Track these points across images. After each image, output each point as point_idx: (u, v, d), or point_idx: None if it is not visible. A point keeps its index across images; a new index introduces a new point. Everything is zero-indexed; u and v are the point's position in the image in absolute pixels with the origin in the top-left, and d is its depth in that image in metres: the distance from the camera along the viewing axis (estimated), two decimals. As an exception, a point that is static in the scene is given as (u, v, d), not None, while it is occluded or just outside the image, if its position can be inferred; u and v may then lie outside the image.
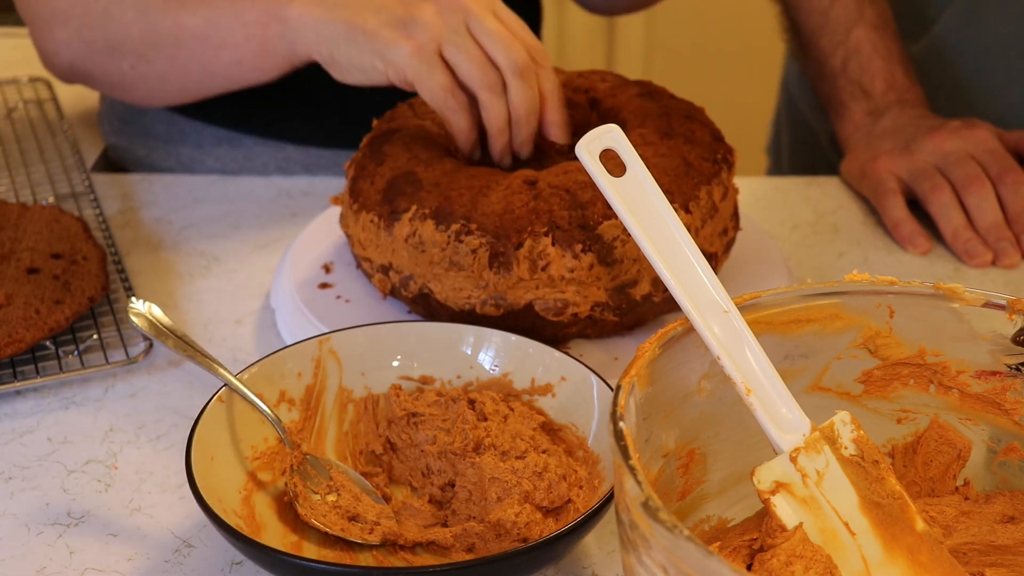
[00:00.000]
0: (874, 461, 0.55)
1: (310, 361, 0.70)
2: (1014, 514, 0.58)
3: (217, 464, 0.62)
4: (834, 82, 1.09)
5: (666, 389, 0.55)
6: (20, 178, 1.02)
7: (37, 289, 0.81)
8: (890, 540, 0.53)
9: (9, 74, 1.22)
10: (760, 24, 1.39)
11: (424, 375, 0.71)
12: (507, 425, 0.66)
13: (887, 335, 0.59)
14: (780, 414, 0.54)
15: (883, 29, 1.08)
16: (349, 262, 0.87)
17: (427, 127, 0.85)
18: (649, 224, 0.56)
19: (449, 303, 0.76)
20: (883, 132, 1.04)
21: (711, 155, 0.79)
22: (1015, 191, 0.96)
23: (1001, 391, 0.58)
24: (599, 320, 0.75)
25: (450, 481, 0.66)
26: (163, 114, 1.11)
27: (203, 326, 0.85)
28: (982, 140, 0.99)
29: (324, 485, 0.65)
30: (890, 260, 0.96)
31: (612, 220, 0.73)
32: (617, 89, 0.88)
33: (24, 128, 1.12)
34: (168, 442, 0.73)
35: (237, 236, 0.97)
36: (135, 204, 1.03)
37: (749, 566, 0.53)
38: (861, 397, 0.60)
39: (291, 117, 1.09)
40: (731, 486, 0.59)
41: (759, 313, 0.57)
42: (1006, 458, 0.59)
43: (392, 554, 0.62)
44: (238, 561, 0.64)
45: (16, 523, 0.67)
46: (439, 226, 0.74)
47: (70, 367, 0.78)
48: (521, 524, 0.61)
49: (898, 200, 0.99)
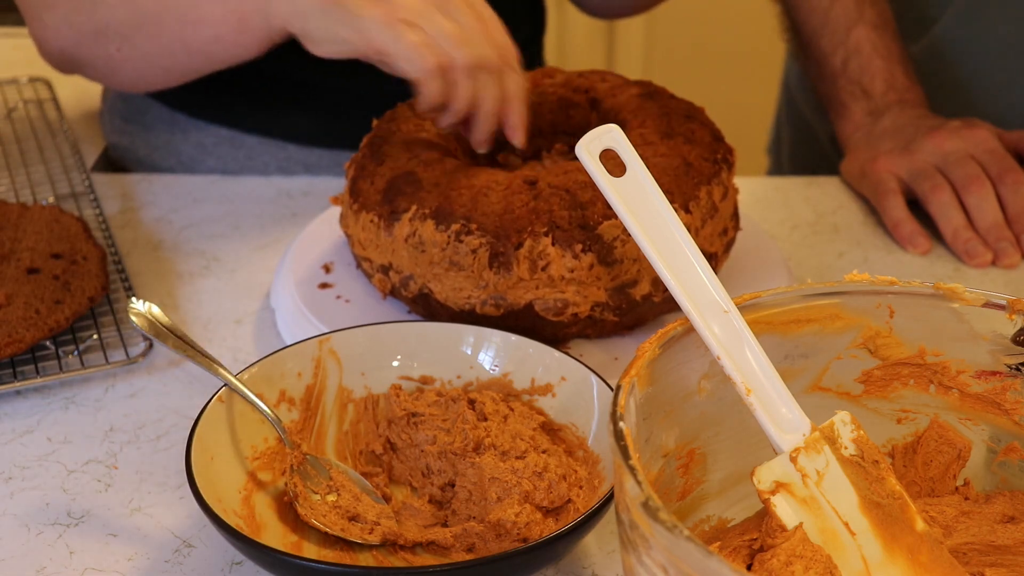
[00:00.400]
0: (874, 461, 0.55)
1: (310, 361, 0.70)
2: (1014, 514, 0.58)
3: (217, 464, 0.62)
4: (834, 82, 1.09)
5: (666, 389, 0.55)
6: (20, 178, 1.02)
7: (37, 289, 0.81)
8: (890, 540, 0.53)
9: (9, 74, 1.22)
10: (760, 24, 1.39)
11: (424, 375, 0.71)
12: (507, 425, 0.66)
13: (887, 335, 0.59)
14: (780, 414, 0.54)
15: (883, 29, 1.08)
16: (349, 262, 0.87)
17: (427, 127, 0.85)
18: (649, 224, 0.56)
19: (449, 303, 0.76)
20: (883, 132, 1.04)
21: (711, 155, 0.79)
22: (1015, 191, 0.96)
23: (1001, 391, 0.58)
24: (599, 320, 0.75)
25: (450, 481, 0.66)
26: (164, 113, 1.11)
27: (203, 326, 0.85)
28: (982, 140, 0.99)
29: (324, 485, 0.65)
30: (890, 260, 0.96)
31: (612, 220, 0.73)
32: (617, 89, 0.88)
33: (24, 128, 1.12)
34: (168, 442, 0.73)
35: (237, 236, 0.97)
36: (135, 204, 1.03)
37: (749, 566, 0.53)
38: (861, 397, 0.60)
39: (292, 117, 1.09)
40: (731, 486, 0.59)
41: (759, 313, 0.57)
42: (1006, 458, 0.59)
43: (392, 554, 0.62)
44: (238, 561, 0.64)
45: (16, 523, 0.67)
46: (439, 226, 0.74)
47: (70, 367, 0.78)
48: (521, 524, 0.61)
49: (898, 200, 0.99)
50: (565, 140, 0.89)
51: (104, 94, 1.18)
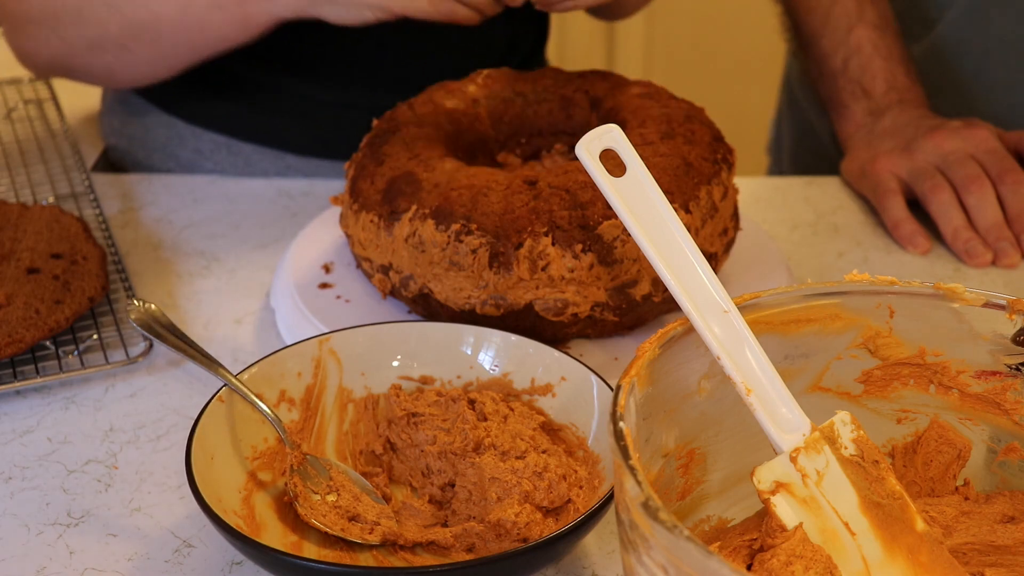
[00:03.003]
0: (874, 461, 0.55)
1: (310, 361, 0.70)
2: (1014, 514, 0.58)
3: (217, 464, 0.62)
4: (835, 82, 1.09)
5: (666, 389, 0.55)
6: (20, 178, 1.02)
7: (37, 289, 0.81)
8: (890, 540, 0.53)
9: (9, 74, 1.22)
10: (760, 24, 1.39)
11: (424, 375, 0.71)
12: (507, 425, 0.66)
13: (887, 335, 0.59)
14: (780, 414, 0.54)
15: (884, 29, 1.08)
16: (349, 262, 0.87)
17: (427, 127, 0.85)
18: (649, 224, 0.56)
19: (449, 303, 0.76)
20: (883, 132, 1.04)
21: (711, 155, 0.79)
22: (1015, 191, 0.96)
23: (1001, 391, 0.58)
24: (599, 320, 0.75)
25: (450, 481, 0.66)
26: (162, 118, 1.11)
27: (203, 326, 0.85)
28: (982, 140, 0.99)
29: (324, 485, 0.65)
30: (890, 260, 0.95)
31: (612, 220, 0.73)
32: (617, 89, 0.88)
33: (24, 128, 1.12)
34: (168, 442, 0.73)
35: (237, 236, 0.97)
36: (135, 204, 1.03)
37: (749, 566, 0.53)
38: (861, 397, 0.60)
39: (290, 127, 1.09)
40: (731, 486, 0.59)
41: (759, 313, 0.57)
42: (1006, 458, 0.59)
43: (392, 554, 0.62)
44: (238, 561, 0.64)
45: (16, 523, 0.67)
46: (439, 226, 0.74)
47: (70, 367, 0.78)
48: (521, 524, 0.61)
49: (898, 200, 0.99)
50: (565, 140, 0.89)
51: (103, 96, 1.17)
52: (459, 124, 0.87)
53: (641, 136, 0.80)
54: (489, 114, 0.89)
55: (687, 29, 2.31)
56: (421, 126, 0.84)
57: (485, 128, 0.88)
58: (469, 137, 0.87)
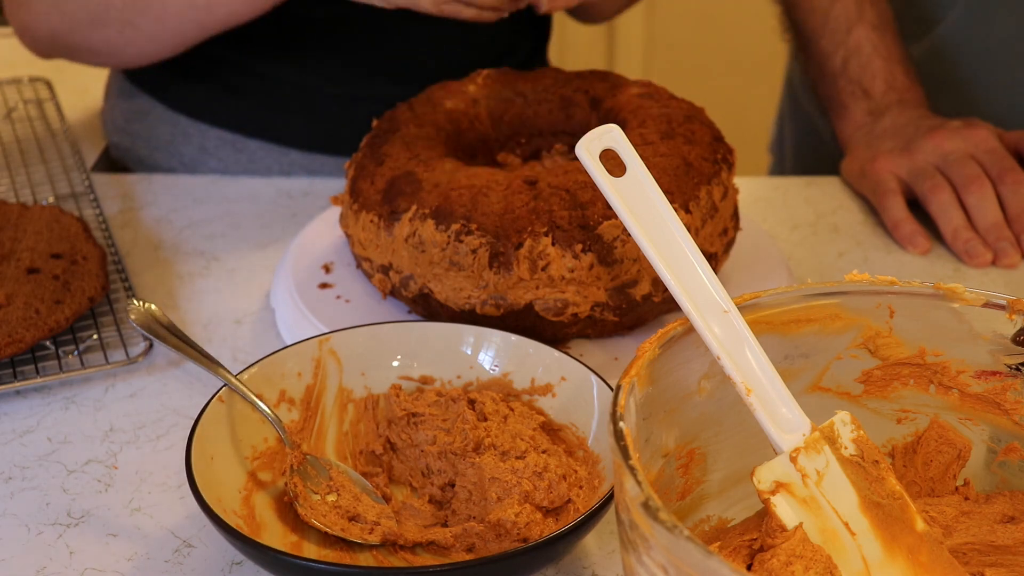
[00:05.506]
0: (874, 461, 0.55)
1: (310, 361, 0.70)
2: (1014, 514, 0.58)
3: (217, 464, 0.62)
4: (834, 82, 1.09)
5: (666, 389, 0.55)
6: (20, 178, 1.02)
7: (37, 289, 0.81)
8: (890, 540, 0.53)
9: (9, 74, 1.22)
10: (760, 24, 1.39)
11: (424, 375, 0.71)
12: (507, 425, 0.66)
13: (887, 335, 0.59)
14: (780, 414, 0.54)
15: (884, 29, 1.08)
16: (349, 262, 0.87)
17: (427, 127, 0.85)
18: (649, 224, 0.56)
19: (449, 303, 0.76)
20: (883, 132, 1.04)
21: (711, 155, 0.79)
22: (1015, 191, 0.96)
23: (1001, 391, 0.58)
24: (599, 320, 0.75)
25: (450, 481, 0.66)
26: (166, 115, 1.11)
27: (203, 326, 0.85)
28: (982, 140, 0.99)
29: (324, 485, 0.65)
30: (890, 260, 0.96)
31: (612, 220, 0.73)
32: (617, 89, 0.88)
33: (24, 128, 1.12)
34: (168, 442, 0.73)
35: (237, 236, 0.97)
36: (135, 204, 1.03)
37: (749, 566, 0.53)
38: (861, 397, 0.60)
39: (293, 122, 1.09)
40: (731, 486, 0.59)
41: (759, 313, 0.57)
42: (1006, 458, 0.59)
43: (392, 554, 0.62)
44: (238, 561, 0.64)
45: (16, 523, 0.67)
46: (439, 226, 0.74)
47: (70, 367, 0.78)
48: (521, 524, 0.61)
49: (898, 200, 0.99)
50: (565, 140, 0.89)
51: (106, 93, 1.17)
52: (459, 124, 0.87)
53: (641, 136, 0.80)
54: (489, 114, 0.89)
55: (687, 29, 2.31)
56: (421, 126, 0.84)
57: (485, 128, 0.88)
58: (469, 137, 0.87)
